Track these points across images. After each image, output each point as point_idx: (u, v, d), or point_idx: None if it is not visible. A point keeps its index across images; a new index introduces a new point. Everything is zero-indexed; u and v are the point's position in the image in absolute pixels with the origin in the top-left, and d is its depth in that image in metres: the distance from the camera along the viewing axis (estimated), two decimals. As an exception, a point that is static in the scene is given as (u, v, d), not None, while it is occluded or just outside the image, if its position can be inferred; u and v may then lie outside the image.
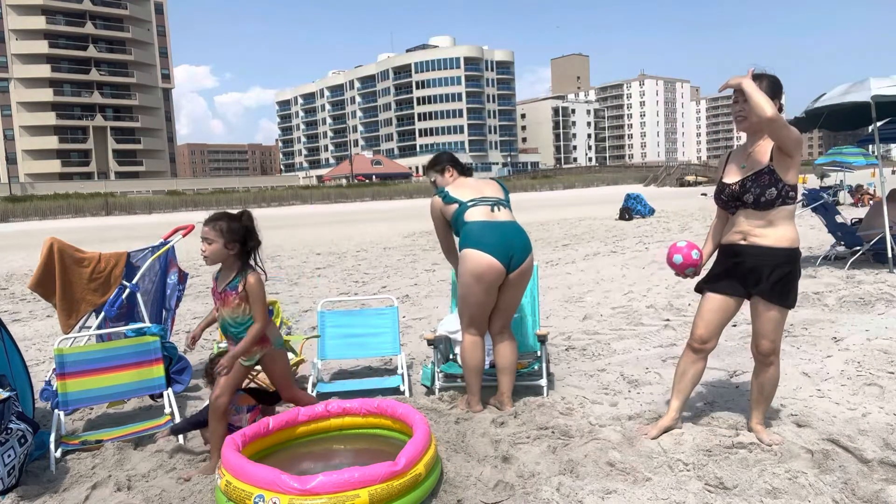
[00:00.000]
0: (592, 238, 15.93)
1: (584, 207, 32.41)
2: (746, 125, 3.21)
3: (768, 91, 3.09)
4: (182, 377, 4.64)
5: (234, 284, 3.35)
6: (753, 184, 3.15)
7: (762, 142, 3.22)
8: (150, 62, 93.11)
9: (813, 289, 7.52)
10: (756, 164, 3.18)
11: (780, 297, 3.21)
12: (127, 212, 55.59)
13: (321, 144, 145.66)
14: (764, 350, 3.33)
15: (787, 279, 3.19)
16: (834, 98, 8.30)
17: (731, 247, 3.32)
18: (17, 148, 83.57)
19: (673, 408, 3.57)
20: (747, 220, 3.22)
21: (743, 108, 3.17)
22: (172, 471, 3.45)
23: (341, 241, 18.89)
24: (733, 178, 3.27)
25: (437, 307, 7.58)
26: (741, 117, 3.20)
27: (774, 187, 3.11)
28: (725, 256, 3.37)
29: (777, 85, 3.17)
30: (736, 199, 3.23)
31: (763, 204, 3.14)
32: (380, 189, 72.01)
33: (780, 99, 3.20)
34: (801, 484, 2.89)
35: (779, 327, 3.30)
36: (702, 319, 3.42)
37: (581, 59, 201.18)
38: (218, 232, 3.28)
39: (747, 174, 3.19)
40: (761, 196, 3.13)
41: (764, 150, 3.19)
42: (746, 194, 3.17)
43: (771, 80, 3.16)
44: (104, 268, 4.78)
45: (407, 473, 2.79)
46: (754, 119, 3.11)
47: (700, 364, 3.51)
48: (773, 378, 3.42)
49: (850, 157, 21.05)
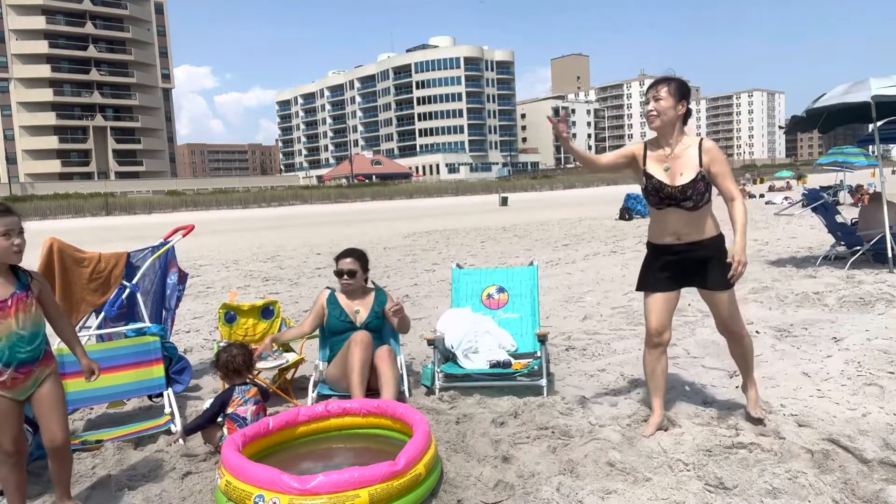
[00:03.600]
0: (592, 238, 15.93)
1: (584, 207, 32.41)
2: (658, 124, 3.44)
3: (677, 91, 3.38)
4: (182, 377, 4.64)
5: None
6: (693, 192, 3.38)
7: (683, 146, 3.44)
8: (150, 62, 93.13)
9: (813, 289, 7.52)
10: (684, 168, 3.40)
11: (725, 281, 3.38)
12: (127, 212, 55.59)
13: (321, 144, 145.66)
14: (731, 328, 3.61)
15: (722, 263, 3.37)
16: (834, 98, 8.29)
17: (667, 248, 3.54)
18: (17, 148, 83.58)
19: (656, 406, 3.68)
20: (679, 220, 3.45)
21: (654, 109, 3.41)
22: (172, 471, 3.45)
23: (341, 241, 18.88)
24: (662, 176, 3.44)
25: (437, 307, 7.58)
26: (654, 116, 3.43)
27: (707, 192, 3.42)
28: (662, 256, 3.57)
29: (685, 87, 3.44)
30: (672, 200, 3.42)
31: (698, 207, 3.42)
32: (380, 189, 72.02)
33: (689, 101, 3.47)
34: (801, 484, 2.89)
35: (734, 302, 3.55)
36: (652, 314, 3.60)
37: (581, 59, 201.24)
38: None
39: (678, 181, 3.39)
40: (700, 202, 3.40)
41: (691, 157, 3.40)
42: (686, 200, 3.40)
43: (679, 83, 3.42)
44: (104, 268, 4.78)
45: (407, 473, 2.79)
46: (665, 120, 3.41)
47: (663, 358, 3.66)
48: (748, 345, 3.69)
49: (851, 157, 21.07)
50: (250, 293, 9.52)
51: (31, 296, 2.78)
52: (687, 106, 3.44)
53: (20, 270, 2.81)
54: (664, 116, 3.40)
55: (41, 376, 2.83)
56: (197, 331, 7.23)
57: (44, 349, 2.84)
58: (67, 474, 2.99)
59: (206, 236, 22.71)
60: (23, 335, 2.73)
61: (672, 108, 3.39)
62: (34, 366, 2.79)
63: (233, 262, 14.23)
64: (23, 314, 2.73)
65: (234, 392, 3.72)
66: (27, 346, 2.75)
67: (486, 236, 18.03)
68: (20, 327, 2.72)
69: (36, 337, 2.79)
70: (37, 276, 2.88)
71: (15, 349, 2.71)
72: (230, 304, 5.27)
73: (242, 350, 3.85)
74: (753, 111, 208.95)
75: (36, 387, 2.82)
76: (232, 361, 3.77)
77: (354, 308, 4.60)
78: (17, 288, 2.74)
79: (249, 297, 8.51)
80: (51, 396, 2.85)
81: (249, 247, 18.25)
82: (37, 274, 2.91)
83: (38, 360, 2.81)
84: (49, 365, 2.87)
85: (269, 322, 5.40)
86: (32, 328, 2.77)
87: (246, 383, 3.80)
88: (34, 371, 2.79)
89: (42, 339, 2.84)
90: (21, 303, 2.73)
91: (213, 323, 7.09)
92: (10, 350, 2.70)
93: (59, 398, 2.89)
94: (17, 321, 2.71)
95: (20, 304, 2.73)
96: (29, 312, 2.76)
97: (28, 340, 2.75)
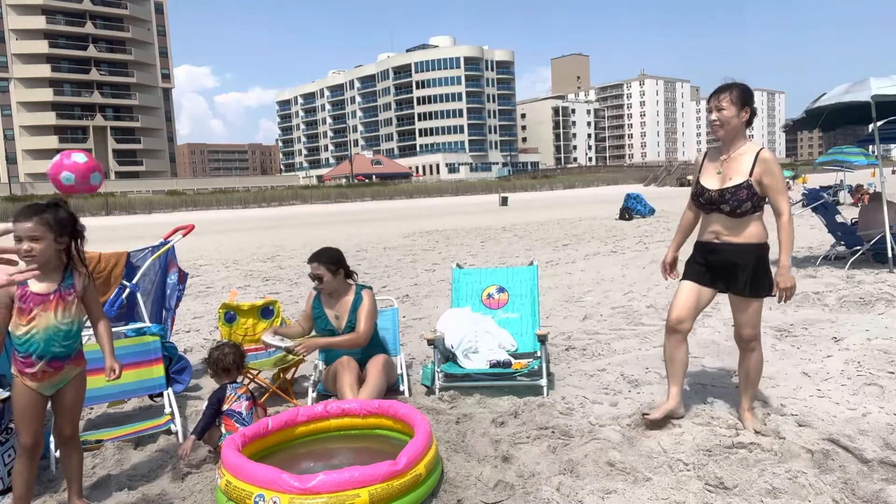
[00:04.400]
0: (592, 238, 15.93)
1: (584, 207, 32.41)
2: (722, 133, 3.46)
3: (739, 99, 3.38)
4: (182, 377, 4.64)
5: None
6: (732, 196, 3.40)
7: (739, 152, 3.46)
8: (150, 62, 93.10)
9: (813, 289, 7.52)
10: (734, 173, 3.42)
11: (755, 289, 3.46)
12: (127, 212, 55.59)
13: (321, 144, 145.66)
14: (746, 337, 3.57)
15: (759, 272, 3.45)
16: (834, 98, 8.30)
17: (706, 244, 3.59)
18: (17, 148, 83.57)
19: (672, 393, 3.72)
20: (721, 222, 3.50)
21: (718, 118, 3.42)
22: (172, 471, 3.45)
23: (341, 240, 18.88)
24: (711, 182, 3.51)
25: (437, 307, 7.58)
26: (717, 126, 3.45)
27: (750, 201, 3.40)
28: (701, 253, 3.64)
29: (748, 92, 3.43)
30: (713, 204, 3.48)
31: (738, 214, 3.43)
32: (380, 189, 72.01)
33: (752, 104, 3.46)
34: (801, 484, 2.89)
35: (757, 315, 3.54)
36: (677, 302, 3.65)
37: (581, 59, 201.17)
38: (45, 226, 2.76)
39: (726, 184, 3.43)
40: (738, 208, 3.41)
41: (744, 164, 3.42)
42: (724, 204, 3.43)
43: (741, 89, 3.42)
44: (104, 268, 4.78)
45: (407, 473, 2.78)
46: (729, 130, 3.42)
47: (683, 346, 3.69)
48: (757, 362, 3.63)
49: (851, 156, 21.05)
50: (250, 293, 9.52)
51: (74, 294, 2.86)
52: (751, 112, 3.44)
53: (71, 268, 2.89)
54: (728, 125, 3.41)
55: (70, 375, 2.91)
56: (197, 331, 7.22)
57: (77, 348, 2.93)
58: (78, 470, 3.05)
59: (206, 236, 22.71)
60: (60, 330, 2.82)
61: (735, 117, 3.40)
62: (65, 362, 2.87)
63: (233, 262, 14.24)
64: (63, 310, 2.82)
65: (226, 390, 3.74)
66: (62, 340, 2.84)
67: (486, 236, 18.03)
68: (59, 321, 2.81)
69: (71, 334, 2.88)
70: (84, 276, 2.94)
71: (51, 342, 2.80)
72: (230, 303, 5.27)
73: (234, 349, 3.87)
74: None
75: (63, 384, 2.90)
76: (223, 360, 3.79)
77: (335, 314, 4.53)
78: (61, 285, 2.84)
79: (249, 297, 8.51)
80: (74, 397, 2.96)
81: (249, 247, 18.25)
82: (84, 274, 2.96)
83: (70, 358, 2.90)
84: (79, 365, 2.96)
85: (269, 322, 5.40)
86: (70, 325, 2.86)
87: (236, 382, 3.81)
88: (64, 367, 2.88)
89: (77, 337, 2.92)
90: (63, 300, 2.83)
91: (213, 323, 7.09)
92: (46, 343, 2.79)
93: (80, 400, 3.01)
94: (56, 316, 2.80)
95: (62, 300, 2.82)
96: (69, 310, 2.85)
97: (64, 336, 2.84)
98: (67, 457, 3.03)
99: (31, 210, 2.76)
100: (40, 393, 2.84)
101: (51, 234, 2.75)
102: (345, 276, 4.55)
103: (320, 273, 4.44)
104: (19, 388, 2.82)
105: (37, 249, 2.71)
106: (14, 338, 2.78)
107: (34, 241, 2.71)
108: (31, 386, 2.81)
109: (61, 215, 2.81)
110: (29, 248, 2.70)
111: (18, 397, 2.83)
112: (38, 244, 2.72)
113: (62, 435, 2.99)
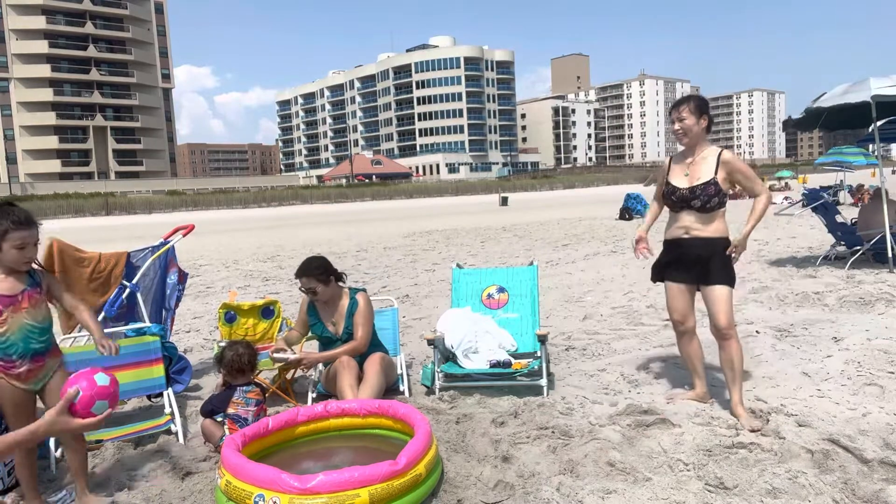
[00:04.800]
0: (592, 238, 15.93)
1: (584, 207, 32.42)
2: (686, 140, 3.87)
3: (697, 108, 3.79)
4: (182, 377, 4.64)
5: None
6: (702, 192, 3.76)
7: (703, 156, 3.84)
8: (150, 62, 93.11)
9: (813, 289, 7.52)
10: (701, 174, 3.80)
11: (724, 278, 3.76)
12: (127, 212, 55.61)
13: (321, 144, 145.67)
14: (722, 324, 3.75)
15: (724, 262, 3.78)
16: (834, 98, 8.29)
17: (674, 241, 3.94)
18: (17, 148, 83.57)
19: (698, 384, 4.06)
20: (689, 218, 3.84)
21: (681, 127, 3.83)
22: (172, 471, 3.45)
23: (341, 240, 18.89)
24: (681, 182, 3.86)
25: (437, 307, 7.58)
26: (681, 134, 3.86)
27: (717, 196, 3.76)
28: (669, 251, 4.00)
29: (704, 102, 3.87)
30: (685, 201, 3.82)
31: (707, 209, 3.78)
32: (380, 189, 72.04)
33: (709, 112, 3.87)
34: (801, 484, 2.89)
35: (728, 303, 3.77)
36: (671, 304, 4.04)
37: (581, 59, 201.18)
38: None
39: (695, 183, 3.79)
40: (707, 202, 3.77)
41: (708, 165, 3.80)
42: (695, 200, 3.78)
43: (698, 99, 3.87)
44: (104, 268, 4.77)
45: (407, 473, 2.78)
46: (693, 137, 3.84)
47: (694, 341, 4.06)
48: (737, 352, 3.78)
49: (851, 156, 21.06)
50: (250, 293, 9.52)
51: (41, 291, 2.95)
52: (708, 119, 3.85)
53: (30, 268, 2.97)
54: (690, 133, 3.82)
55: (52, 367, 2.99)
56: (197, 330, 7.23)
57: (53, 341, 3.03)
58: (83, 464, 3.09)
59: (206, 236, 22.72)
60: (35, 328, 2.89)
61: (695, 125, 3.81)
62: (45, 357, 2.95)
63: (233, 262, 14.24)
64: (34, 309, 2.90)
65: (234, 393, 3.71)
66: (39, 336, 2.91)
67: (486, 236, 18.03)
68: (32, 320, 2.88)
69: (46, 329, 2.95)
70: (44, 272, 3.05)
71: (29, 340, 2.87)
72: (230, 303, 5.27)
73: (248, 350, 3.81)
74: (753, 111, 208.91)
75: (48, 378, 2.97)
76: (237, 360, 3.73)
77: (332, 319, 4.51)
78: (27, 284, 2.91)
79: (249, 297, 8.50)
80: (60, 387, 2.91)
81: (249, 247, 18.25)
82: (45, 272, 3.08)
83: (49, 352, 2.98)
84: (57, 357, 3.05)
85: (270, 322, 5.40)
86: (43, 321, 2.94)
87: (249, 384, 3.78)
88: (46, 362, 2.96)
89: (51, 331, 3.01)
90: (32, 298, 2.90)
91: (213, 323, 7.09)
92: (25, 342, 2.86)
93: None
94: (28, 315, 2.88)
95: (31, 299, 2.90)
96: (39, 307, 2.93)
97: (40, 332, 2.92)
98: (72, 451, 3.05)
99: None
100: (29, 390, 2.90)
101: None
102: (336, 281, 4.51)
103: (312, 286, 4.39)
104: (7, 389, 2.86)
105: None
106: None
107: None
108: (19, 385, 2.86)
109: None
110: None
111: (7, 399, 2.87)
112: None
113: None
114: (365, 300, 4.46)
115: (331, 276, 4.44)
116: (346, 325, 4.44)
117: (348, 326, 4.43)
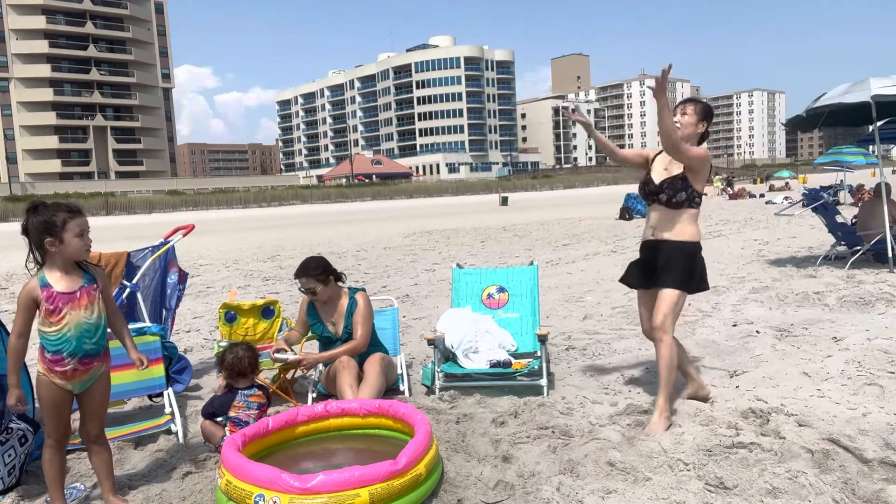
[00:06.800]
0: (593, 238, 15.93)
1: (584, 207, 32.42)
2: (679, 134, 3.70)
3: (701, 112, 3.77)
4: (182, 377, 4.65)
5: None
6: (669, 186, 3.72)
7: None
8: (151, 62, 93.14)
9: (813, 289, 7.52)
10: (675, 168, 3.76)
11: (681, 282, 3.68)
12: (127, 211, 55.64)
13: (321, 144, 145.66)
14: (657, 323, 3.67)
15: (689, 267, 3.71)
16: (834, 98, 8.29)
17: (646, 243, 3.92)
18: (18, 148, 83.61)
19: (691, 382, 4.05)
20: (658, 216, 3.79)
21: (678, 121, 3.77)
22: (172, 471, 3.45)
23: (341, 240, 18.89)
24: (658, 176, 3.83)
25: (437, 307, 7.58)
26: (678, 127, 3.75)
27: (684, 192, 3.69)
28: (641, 251, 4.00)
29: (709, 111, 3.83)
30: (654, 194, 3.79)
31: (673, 204, 3.71)
32: (380, 189, 72.06)
33: (710, 123, 3.84)
34: (801, 484, 2.89)
35: (671, 304, 3.67)
36: (643, 314, 4.04)
37: (581, 59, 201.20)
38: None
39: (665, 177, 3.76)
40: (673, 197, 3.70)
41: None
42: (661, 193, 3.74)
43: (705, 106, 3.82)
44: (104, 267, 4.78)
45: (407, 473, 2.78)
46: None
47: (673, 345, 3.82)
48: (665, 357, 3.66)
49: (851, 156, 21.05)
50: (250, 293, 9.52)
51: (97, 288, 2.90)
52: (706, 128, 3.81)
53: (85, 265, 2.94)
54: (684, 130, 3.77)
55: (98, 372, 2.94)
56: (197, 330, 7.22)
57: (105, 345, 2.96)
58: (108, 467, 3.08)
59: (207, 236, 22.72)
60: (90, 326, 2.85)
61: (693, 125, 3.77)
62: (95, 360, 2.90)
63: (233, 262, 14.24)
64: (91, 306, 2.86)
65: (236, 396, 3.69)
66: (93, 337, 2.87)
67: (486, 236, 18.03)
68: (88, 318, 2.84)
69: (99, 329, 2.90)
70: (99, 272, 3.00)
71: (82, 340, 2.83)
72: (230, 303, 5.27)
73: (249, 352, 3.77)
74: (753, 111, 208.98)
75: (91, 382, 2.93)
76: (237, 363, 3.71)
77: (331, 319, 4.51)
78: (84, 281, 2.88)
79: (249, 297, 8.50)
80: (101, 395, 3.00)
81: (249, 246, 18.25)
82: (99, 270, 3.03)
83: (99, 355, 2.92)
84: (105, 362, 2.99)
85: (270, 322, 5.41)
86: (98, 320, 2.89)
87: (250, 387, 3.76)
88: (94, 365, 2.91)
89: (105, 332, 2.95)
90: (89, 295, 2.86)
91: (214, 322, 7.10)
92: (78, 340, 2.82)
93: (106, 398, 3.05)
94: (86, 313, 2.84)
95: (89, 296, 2.86)
96: (96, 305, 2.88)
97: (94, 332, 2.87)
98: (97, 455, 3.05)
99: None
100: (69, 390, 2.87)
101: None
102: (335, 281, 4.51)
103: (312, 286, 4.40)
104: (47, 385, 2.85)
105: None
106: (44, 338, 2.80)
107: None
108: (60, 383, 2.84)
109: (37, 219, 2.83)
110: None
111: (47, 395, 2.86)
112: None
113: (90, 434, 3.00)
114: (364, 300, 4.47)
115: (330, 275, 4.45)
116: (345, 325, 4.44)
117: (348, 326, 4.43)
